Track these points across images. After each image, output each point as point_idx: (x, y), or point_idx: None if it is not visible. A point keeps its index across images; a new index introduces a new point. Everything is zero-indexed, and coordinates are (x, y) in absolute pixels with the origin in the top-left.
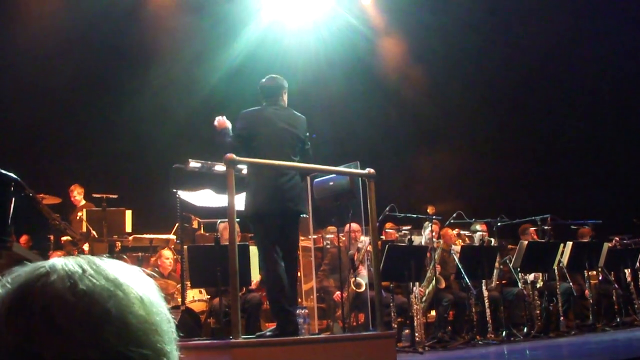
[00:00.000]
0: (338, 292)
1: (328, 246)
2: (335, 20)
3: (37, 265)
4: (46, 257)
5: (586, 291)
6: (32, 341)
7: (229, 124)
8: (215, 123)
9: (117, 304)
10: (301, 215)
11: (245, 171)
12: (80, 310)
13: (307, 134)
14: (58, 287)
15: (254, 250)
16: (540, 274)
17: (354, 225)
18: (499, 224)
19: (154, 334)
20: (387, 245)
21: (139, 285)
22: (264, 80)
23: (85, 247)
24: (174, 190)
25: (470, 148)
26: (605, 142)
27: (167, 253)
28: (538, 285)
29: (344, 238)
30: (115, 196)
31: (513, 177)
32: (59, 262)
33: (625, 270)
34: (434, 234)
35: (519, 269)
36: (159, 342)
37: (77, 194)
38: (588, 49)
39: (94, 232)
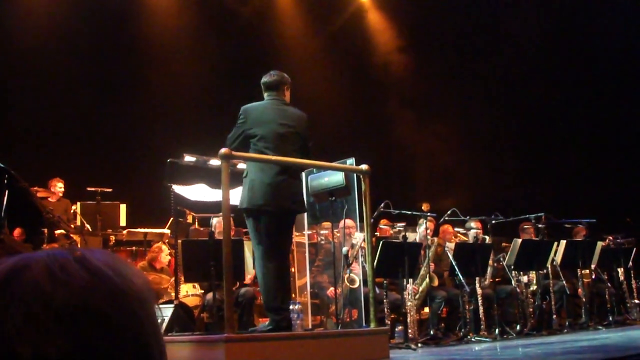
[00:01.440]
0: (332, 288)
1: (322, 242)
2: (333, 14)
3: (22, 256)
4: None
5: (579, 290)
6: (7, 332)
7: None
8: None
9: (97, 295)
10: (296, 214)
11: (240, 166)
12: (57, 301)
13: (309, 132)
14: (37, 277)
15: (248, 245)
16: (534, 277)
17: (349, 221)
18: (493, 221)
19: (136, 326)
20: (381, 242)
21: (123, 276)
22: (266, 75)
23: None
24: (169, 185)
25: (465, 146)
26: (600, 141)
27: (165, 248)
28: (532, 288)
29: (338, 234)
30: (109, 190)
31: (508, 175)
32: (43, 252)
33: (618, 270)
34: (428, 231)
35: (512, 267)
36: (140, 334)
37: (58, 188)
38: (584, 45)
39: (87, 226)
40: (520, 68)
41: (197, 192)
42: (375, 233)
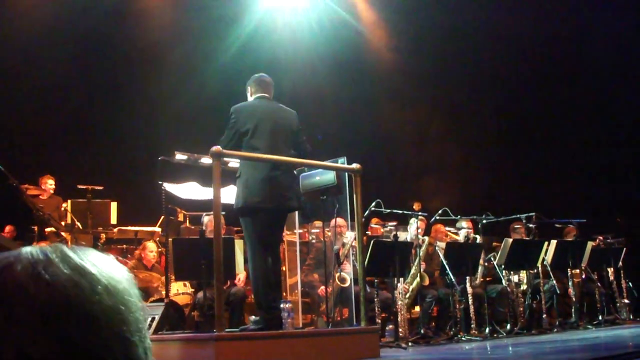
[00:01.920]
0: (323, 287)
1: (313, 241)
2: (327, 13)
3: (5, 255)
4: None
5: (569, 289)
6: None
7: None
8: None
9: (81, 294)
10: (292, 211)
11: (231, 164)
12: (41, 301)
13: (300, 127)
14: (20, 277)
15: (239, 244)
16: (525, 277)
17: (340, 220)
18: (484, 221)
19: (120, 324)
20: (372, 241)
21: (107, 274)
22: (260, 74)
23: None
24: (160, 183)
25: (457, 145)
26: (591, 142)
27: (151, 246)
28: (523, 287)
29: (329, 233)
30: (100, 187)
31: (499, 174)
32: (26, 251)
33: (608, 269)
34: (419, 230)
35: (503, 267)
36: (124, 332)
37: (49, 185)
38: (576, 44)
39: (78, 224)
40: (511, 67)
41: (188, 190)
42: (367, 232)
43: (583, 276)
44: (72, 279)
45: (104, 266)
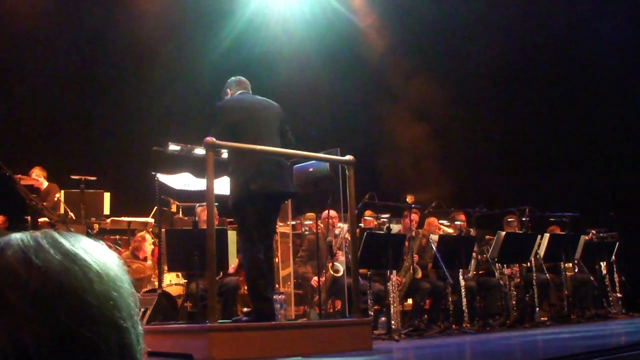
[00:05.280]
0: (315, 277)
1: (306, 232)
2: (321, 5)
3: None
4: None
5: (562, 283)
6: None
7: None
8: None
9: (73, 280)
10: (289, 197)
11: (224, 155)
12: (33, 287)
13: (285, 118)
14: (11, 262)
15: (231, 235)
16: (518, 271)
17: (331, 212)
18: (477, 214)
19: (112, 310)
20: (365, 233)
21: (98, 260)
22: (237, 77)
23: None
24: (153, 173)
25: (450, 138)
26: (585, 135)
27: (149, 237)
28: (515, 281)
29: (322, 225)
30: (94, 178)
31: (493, 168)
32: (16, 237)
33: (601, 263)
34: (413, 223)
35: (496, 260)
36: (117, 318)
37: (36, 176)
38: (569, 34)
39: (71, 214)
40: (505, 59)
41: (182, 181)
42: (360, 224)
43: (576, 270)
44: (63, 264)
45: (95, 252)
